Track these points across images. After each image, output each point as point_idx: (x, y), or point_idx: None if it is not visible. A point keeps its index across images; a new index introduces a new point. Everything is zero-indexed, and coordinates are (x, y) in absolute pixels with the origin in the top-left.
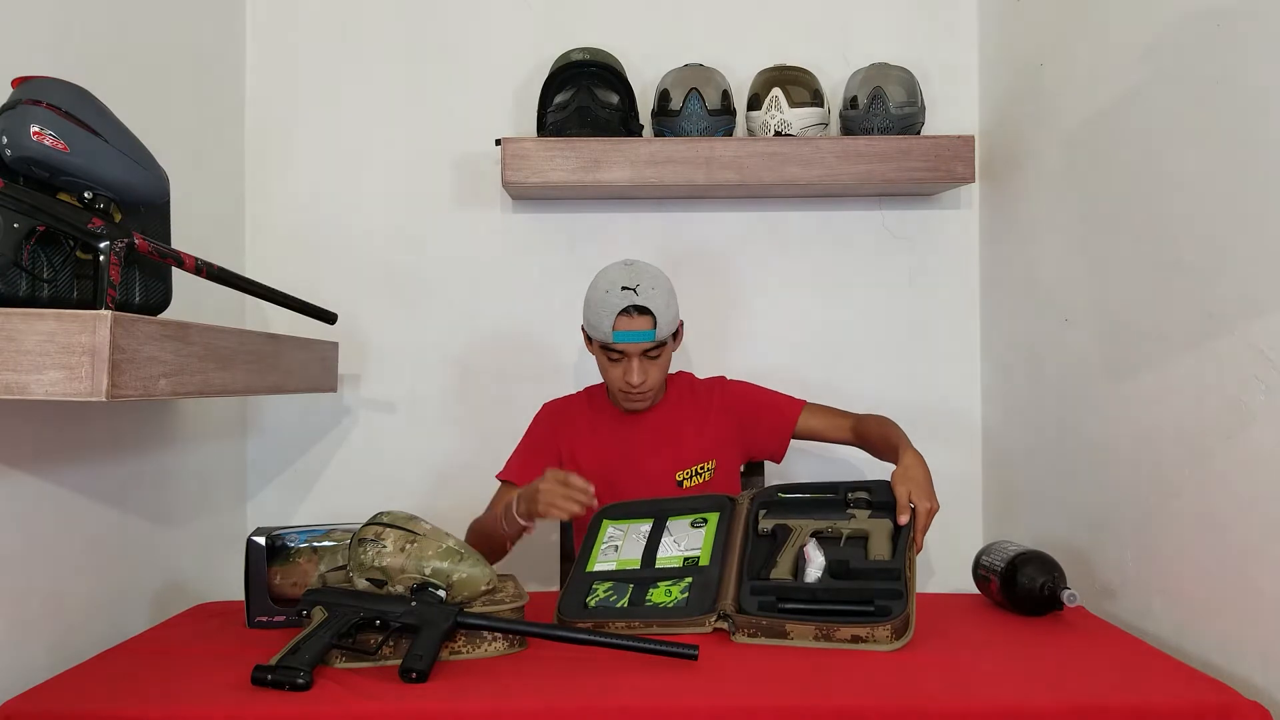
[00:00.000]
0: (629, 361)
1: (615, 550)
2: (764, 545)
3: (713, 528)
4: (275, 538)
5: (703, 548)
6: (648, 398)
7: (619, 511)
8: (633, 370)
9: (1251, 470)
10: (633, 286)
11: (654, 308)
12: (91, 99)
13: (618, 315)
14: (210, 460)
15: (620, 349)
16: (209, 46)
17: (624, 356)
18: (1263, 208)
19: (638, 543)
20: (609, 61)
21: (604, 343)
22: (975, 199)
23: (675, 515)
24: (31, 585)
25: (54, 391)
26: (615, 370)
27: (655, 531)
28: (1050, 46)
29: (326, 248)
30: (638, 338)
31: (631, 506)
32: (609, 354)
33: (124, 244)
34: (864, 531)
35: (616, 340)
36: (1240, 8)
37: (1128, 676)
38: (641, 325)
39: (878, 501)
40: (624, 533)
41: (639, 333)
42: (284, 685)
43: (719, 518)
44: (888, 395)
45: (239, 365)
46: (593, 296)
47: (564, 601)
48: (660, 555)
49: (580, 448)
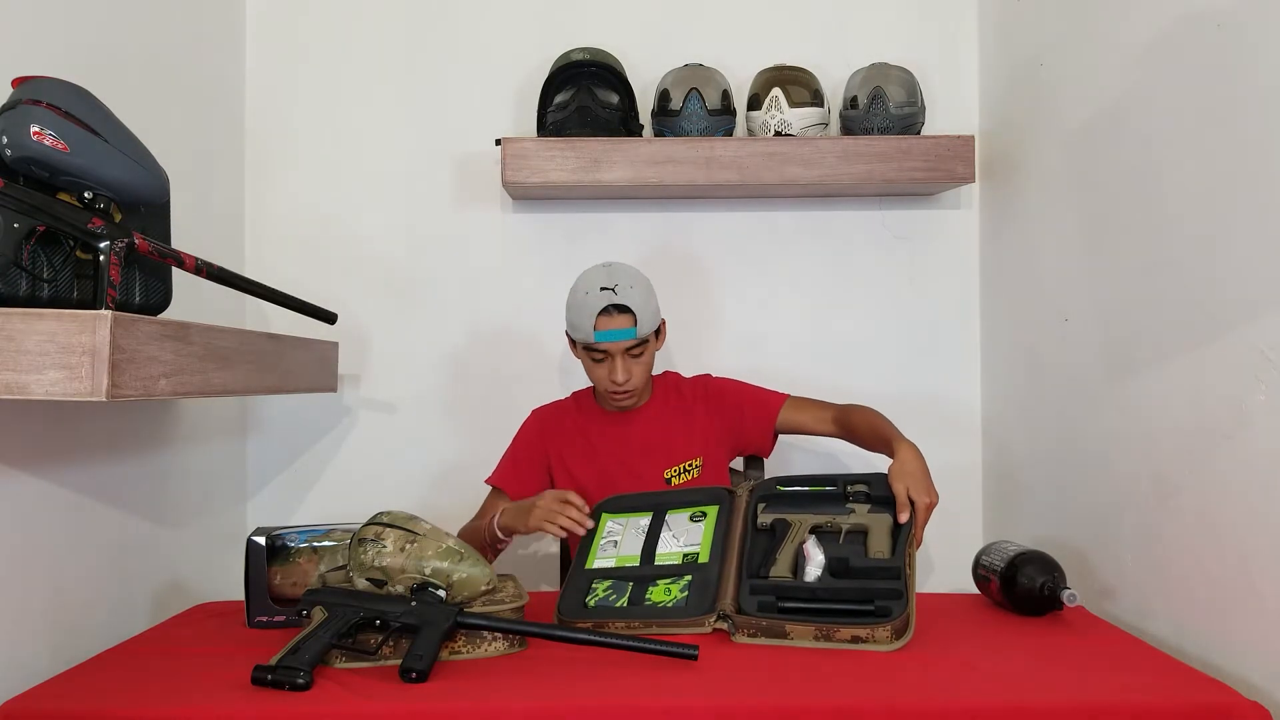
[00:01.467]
0: (612, 360)
1: (614, 546)
2: (763, 540)
3: (712, 521)
4: (275, 538)
5: (702, 543)
6: (634, 396)
7: (617, 505)
8: (617, 369)
9: (1251, 470)
10: (611, 286)
11: (633, 306)
12: (91, 99)
13: (598, 315)
14: (210, 460)
15: (603, 348)
16: (209, 46)
17: (607, 356)
18: (1263, 208)
19: (637, 538)
20: (609, 61)
21: (587, 343)
22: (975, 199)
23: (674, 509)
24: (31, 585)
25: (54, 391)
26: (600, 370)
27: (654, 526)
28: (1050, 46)
29: (326, 248)
30: (619, 336)
31: (629, 500)
32: (592, 355)
33: (124, 244)
34: (863, 526)
35: (599, 340)
36: (1240, 8)
37: (1128, 676)
38: (622, 324)
39: (877, 496)
40: (623, 527)
41: (620, 331)
42: (284, 685)
43: (718, 511)
44: (888, 395)
45: (239, 365)
46: (573, 300)
47: (563, 600)
48: (660, 551)
49: (569, 451)
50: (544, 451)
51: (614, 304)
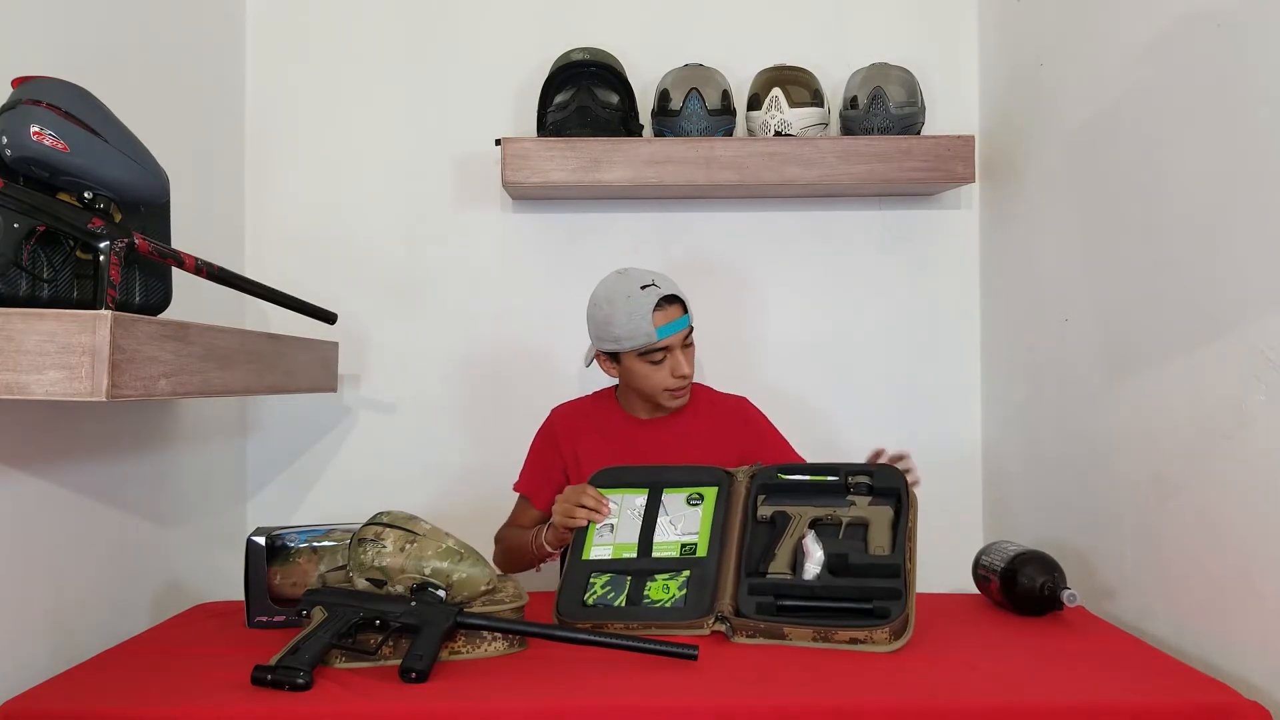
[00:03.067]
0: (674, 355)
1: (611, 531)
2: (763, 532)
3: (710, 506)
4: (275, 538)
5: (700, 531)
6: (689, 389)
7: (613, 478)
8: (680, 362)
9: (1251, 470)
10: (650, 283)
11: (679, 294)
12: (91, 99)
13: (653, 312)
14: (210, 460)
15: (665, 344)
16: (209, 46)
17: (666, 354)
18: (1262, 208)
19: (633, 522)
20: (609, 61)
21: (644, 347)
22: (975, 199)
23: (671, 488)
24: (31, 585)
25: (54, 391)
26: (660, 372)
27: (651, 509)
28: (1050, 46)
29: (326, 248)
30: (680, 325)
31: (625, 473)
32: (651, 358)
33: (124, 244)
34: (864, 519)
35: (661, 336)
36: (1240, 8)
37: (1128, 676)
38: (677, 313)
39: (879, 487)
40: (619, 506)
41: (679, 320)
42: (284, 685)
43: (716, 494)
44: (887, 395)
45: (239, 365)
46: (614, 311)
47: (562, 597)
48: (657, 540)
49: (586, 451)
50: (559, 451)
51: (663, 297)
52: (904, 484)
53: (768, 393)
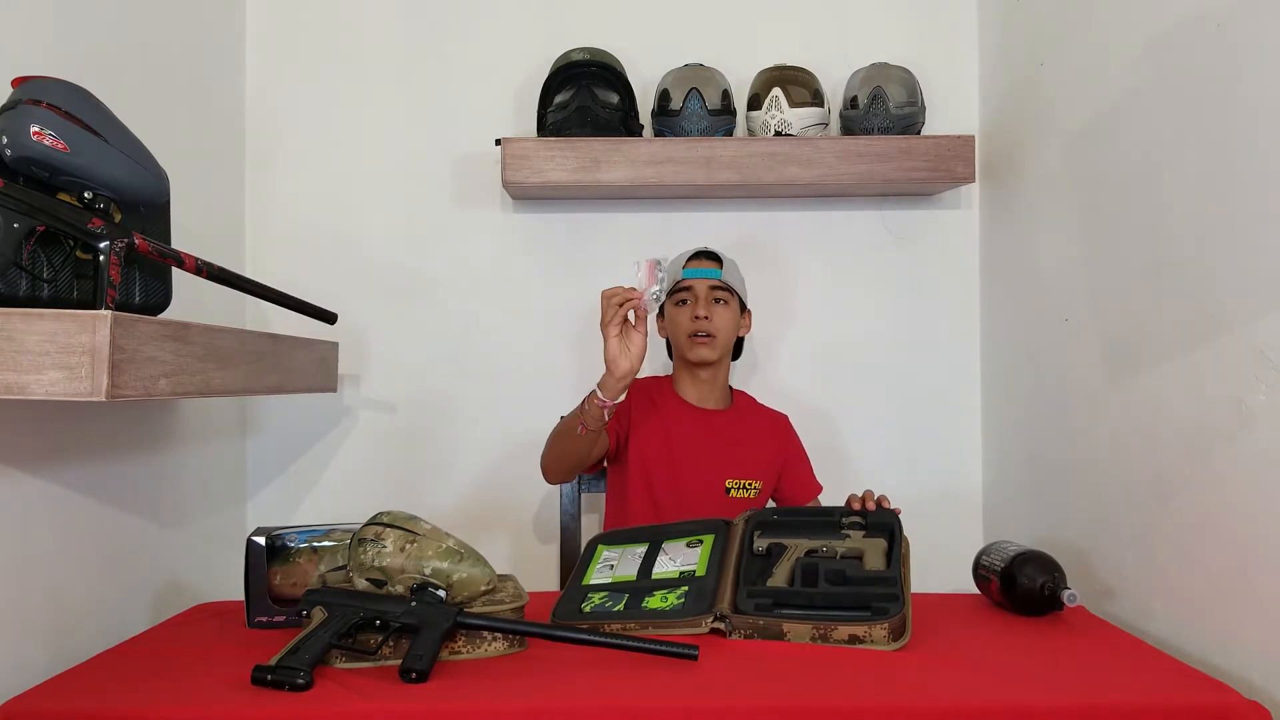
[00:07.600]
0: (695, 299)
1: (611, 569)
2: (759, 562)
3: (708, 547)
4: (275, 538)
5: (698, 562)
6: (714, 347)
7: (614, 538)
8: (699, 304)
9: (1251, 470)
10: (703, 249)
11: (721, 256)
12: (91, 99)
13: (689, 260)
14: (210, 460)
15: (689, 283)
16: (209, 46)
17: (691, 296)
18: (1262, 208)
19: (633, 562)
20: (609, 61)
21: (675, 286)
22: (975, 199)
23: (671, 538)
24: (31, 585)
25: (54, 391)
26: (684, 313)
27: (651, 552)
28: (1050, 46)
29: (326, 248)
30: (705, 274)
31: (626, 533)
32: (678, 299)
33: (124, 244)
34: (858, 551)
35: (686, 276)
36: (1239, 10)
37: (1128, 676)
38: (709, 265)
39: (873, 523)
40: (619, 554)
41: (706, 269)
42: (284, 685)
43: (714, 539)
44: (887, 395)
45: (239, 365)
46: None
47: (559, 608)
48: (656, 571)
49: (642, 421)
50: (628, 406)
51: (703, 251)
52: (897, 522)
53: (768, 392)
